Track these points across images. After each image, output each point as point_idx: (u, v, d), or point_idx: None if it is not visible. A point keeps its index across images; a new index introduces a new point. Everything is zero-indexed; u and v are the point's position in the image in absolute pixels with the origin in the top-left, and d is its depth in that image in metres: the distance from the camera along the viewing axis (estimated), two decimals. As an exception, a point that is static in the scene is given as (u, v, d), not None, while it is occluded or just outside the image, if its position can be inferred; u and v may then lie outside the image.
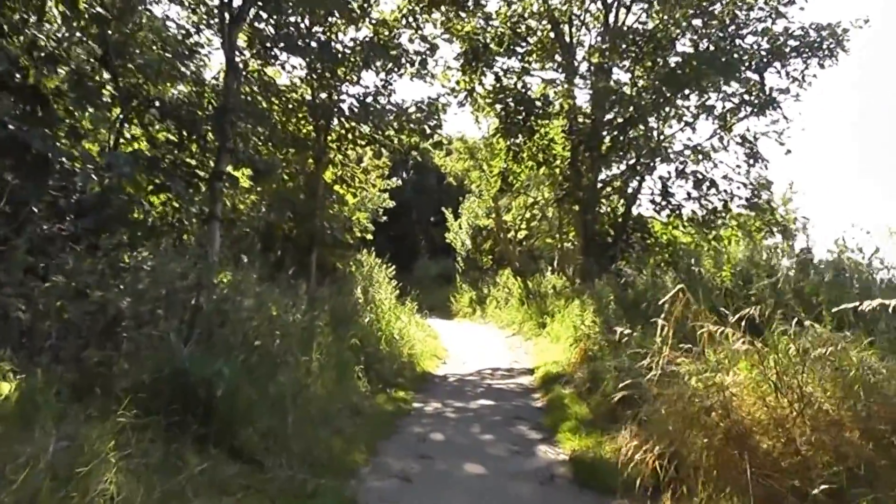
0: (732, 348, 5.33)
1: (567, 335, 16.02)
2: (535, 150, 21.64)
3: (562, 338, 16.70)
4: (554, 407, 10.46)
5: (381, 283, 20.42)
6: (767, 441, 4.70)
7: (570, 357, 13.25)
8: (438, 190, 41.42)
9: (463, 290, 32.16)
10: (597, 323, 12.42)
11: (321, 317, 12.17)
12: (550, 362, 14.05)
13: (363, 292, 17.05)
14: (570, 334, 15.51)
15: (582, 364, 11.86)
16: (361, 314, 14.61)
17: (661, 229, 21.63)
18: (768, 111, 20.10)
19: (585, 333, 12.65)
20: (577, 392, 10.90)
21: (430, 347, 16.90)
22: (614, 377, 8.89)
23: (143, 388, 6.30)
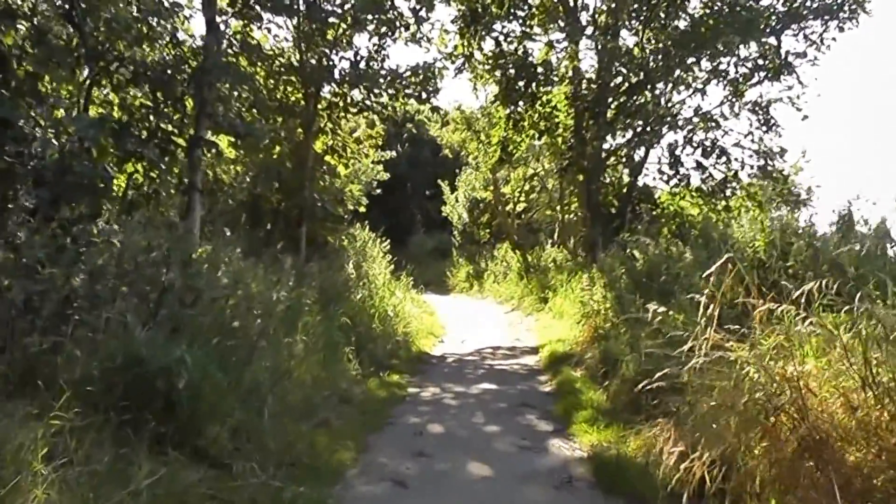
0: (796, 330, 4.36)
1: (572, 311, 15.14)
2: (537, 118, 20.63)
3: (566, 314, 15.81)
4: (564, 392, 9.51)
5: (375, 258, 19.54)
6: (856, 452, 3.76)
7: (577, 335, 12.35)
8: (434, 163, 40.34)
9: (460, 264, 31.21)
10: (607, 298, 11.46)
11: (309, 294, 11.27)
12: (555, 340, 13.15)
13: (356, 267, 16.13)
14: (575, 310, 14.63)
15: (592, 343, 10.95)
16: (353, 290, 13.68)
17: (668, 199, 20.70)
18: (783, 76, 19.15)
19: (594, 309, 11.70)
20: (588, 375, 9.97)
21: (426, 325, 15.98)
22: (634, 360, 7.96)
23: (93, 380, 5.38)
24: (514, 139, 21.21)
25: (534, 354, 13.21)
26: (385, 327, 13.01)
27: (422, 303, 19.98)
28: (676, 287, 10.02)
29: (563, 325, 14.69)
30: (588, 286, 12.42)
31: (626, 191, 20.32)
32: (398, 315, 14.54)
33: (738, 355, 4.51)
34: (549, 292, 18.48)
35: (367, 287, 14.90)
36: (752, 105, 19.79)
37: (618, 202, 20.15)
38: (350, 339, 10.81)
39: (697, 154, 19.67)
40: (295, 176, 18.02)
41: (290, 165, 18.38)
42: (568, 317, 15.47)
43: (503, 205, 28.32)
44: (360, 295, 13.68)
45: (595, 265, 16.79)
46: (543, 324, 16.54)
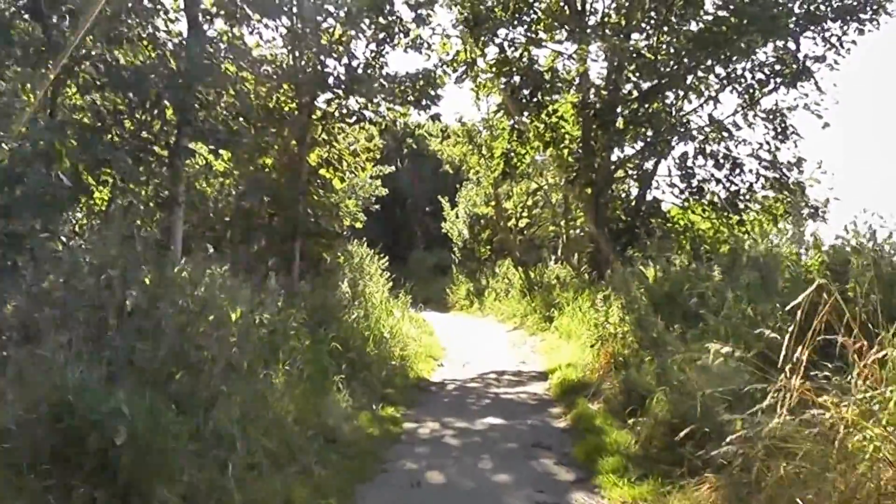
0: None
1: (581, 331, 14.11)
2: (543, 128, 19.64)
3: (574, 334, 14.77)
4: (583, 430, 8.40)
5: (373, 276, 18.55)
6: None
7: (590, 360, 11.30)
8: (434, 178, 39.38)
9: (460, 281, 30.14)
10: (626, 320, 10.39)
11: (297, 315, 10.23)
12: (566, 365, 12.08)
13: (351, 285, 15.12)
14: (585, 331, 13.59)
15: (609, 371, 9.90)
16: (348, 311, 12.65)
17: (679, 214, 19.69)
18: (800, 82, 18.17)
19: (611, 333, 10.64)
20: (608, 409, 8.88)
21: (425, 346, 14.90)
22: (668, 397, 6.91)
23: (9, 434, 4.33)
24: (518, 151, 20.23)
25: (542, 381, 12.14)
26: (381, 351, 11.96)
27: (421, 322, 18.93)
28: (704, 309, 9.01)
29: (572, 348, 13.64)
30: (602, 306, 11.34)
31: (634, 204, 19.30)
32: (395, 337, 13.50)
33: (842, 416, 3.43)
34: (555, 311, 17.42)
35: (364, 306, 13.90)
36: (766, 113, 18.87)
37: (626, 217, 19.11)
38: (341, 365, 9.75)
39: (709, 165, 18.72)
40: (288, 189, 17.01)
41: (282, 179, 17.40)
42: (576, 338, 14.44)
43: (505, 220, 27.32)
44: (354, 315, 12.66)
45: (603, 283, 15.84)
46: (550, 345, 15.50)
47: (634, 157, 19.33)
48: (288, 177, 17.24)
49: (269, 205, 17.56)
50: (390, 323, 14.18)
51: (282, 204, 17.06)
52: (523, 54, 19.33)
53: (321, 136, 17.12)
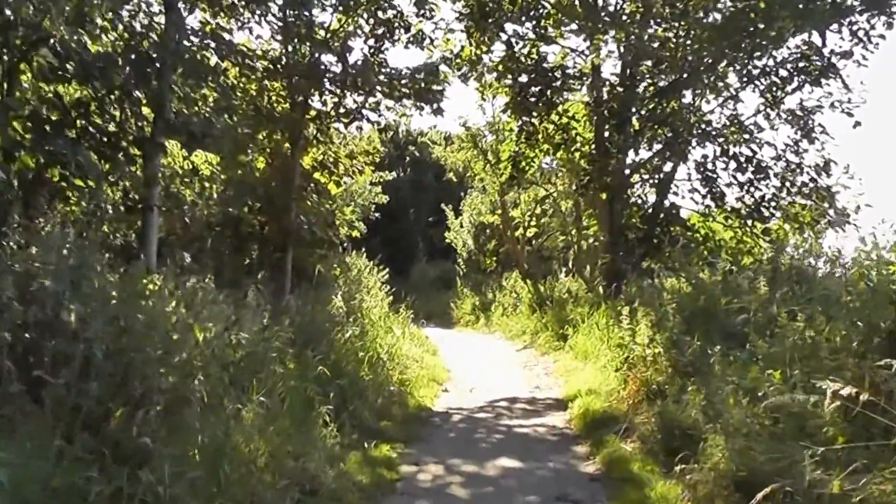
0: None
1: (599, 351, 12.82)
2: (553, 129, 18.36)
3: (591, 354, 13.46)
4: (618, 479, 6.99)
5: (371, 289, 17.30)
6: None
7: (615, 386, 9.97)
8: (437, 188, 38.18)
9: (465, 295, 28.73)
10: (657, 340, 9.03)
11: (282, 335, 8.94)
12: (585, 391, 10.71)
13: (346, 300, 13.84)
14: (606, 351, 12.29)
15: (642, 402, 8.55)
16: (341, 328, 11.31)
17: (699, 222, 18.38)
18: (826, 80, 16.92)
19: (640, 355, 9.28)
20: (646, 450, 7.50)
21: (427, 368, 13.50)
22: (728, 442, 5.56)
23: None
24: (526, 154, 18.93)
25: (561, 411, 10.72)
26: (377, 375, 10.62)
27: (423, 340, 17.60)
28: (749, 328, 7.72)
29: (590, 371, 12.33)
30: (628, 324, 9.96)
31: (651, 211, 17.97)
32: (394, 358, 12.19)
33: None
34: (569, 328, 16.06)
35: (360, 323, 12.61)
36: (790, 114, 17.60)
37: (643, 225, 17.77)
38: (329, 394, 8.41)
39: (732, 169, 17.42)
40: (279, 195, 15.75)
41: (272, 183, 16.13)
42: (594, 358, 13.14)
43: (512, 230, 25.95)
44: (349, 333, 11.34)
45: (622, 297, 14.56)
46: (564, 366, 14.16)
47: (651, 160, 18.03)
48: (279, 181, 16.02)
49: (259, 211, 16.35)
50: (389, 342, 12.88)
51: (273, 210, 15.84)
52: (531, 51, 18.07)
53: (315, 137, 15.87)
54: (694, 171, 17.52)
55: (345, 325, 11.64)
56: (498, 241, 28.82)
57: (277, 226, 15.72)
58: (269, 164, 16.46)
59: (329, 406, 7.99)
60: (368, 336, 12.12)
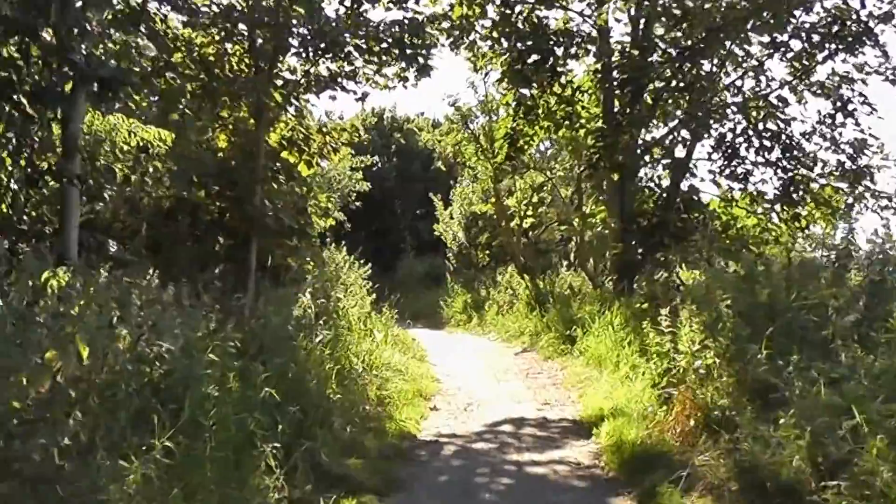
0: None
1: (618, 357, 10.69)
2: (555, 103, 16.20)
3: (606, 360, 11.34)
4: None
5: (351, 286, 15.18)
6: None
7: (654, 406, 7.78)
8: (425, 177, 35.97)
9: (455, 292, 26.40)
10: (712, 348, 6.81)
11: (222, 346, 6.80)
12: (610, 410, 8.50)
13: (319, 298, 11.70)
14: (627, 358, 10.16)
15: (698, 433, 6.36)
16: (310, 333, 9.12)
17: (721, 208, 16.25)
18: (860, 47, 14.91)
19: (686, 367, 7.07)
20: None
21: (412, 379, 11.14)
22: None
23: None
24: (525, 131, 16.73)
25: (584, 439, 8.30)
26: (348, 393, 8.40)
27: (409, 343, 15.44)
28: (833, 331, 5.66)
29: (609, 382, 10.20)
30: (669, 326, 7.72)
31: (667, 196, 15.83)
32: (372, 368, 10.01)
33: None
34: (577, 329, 13.86)
35: (334, 326, 10.43)
36: (818, 86, 15.56)
37: (658, 211, 15.62)
38: (278, 424, 6.23)
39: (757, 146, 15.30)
40: (241, 176, 13.61)
41: (233, 162, 13.96)
42: (610, 365, 11.01)
43: (507, 220, 23.68)
44: (319, 339, 9.15)
45: (641, 293, 12.52)
46: (575, 374, 11.98)
47: (667, 137, 15.89)
48: (241, 160, 13.90)
49: (218, 195, 14.19)
50: (367, 348, 10.71)
51: (234, 194, 13.73)
52: (530, 15, 15.87)
53: (283, 108, 13.73)
54: (715, 149, 15.42)
55: (314, 330, 9.46)
56: (491, 234, 26.57)
57: (239, 212, 13.59)
58: (230, 142, 14.35)
59: (275, 445, 5.79)
60: (342, 342, 9.94)
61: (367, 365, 9.98)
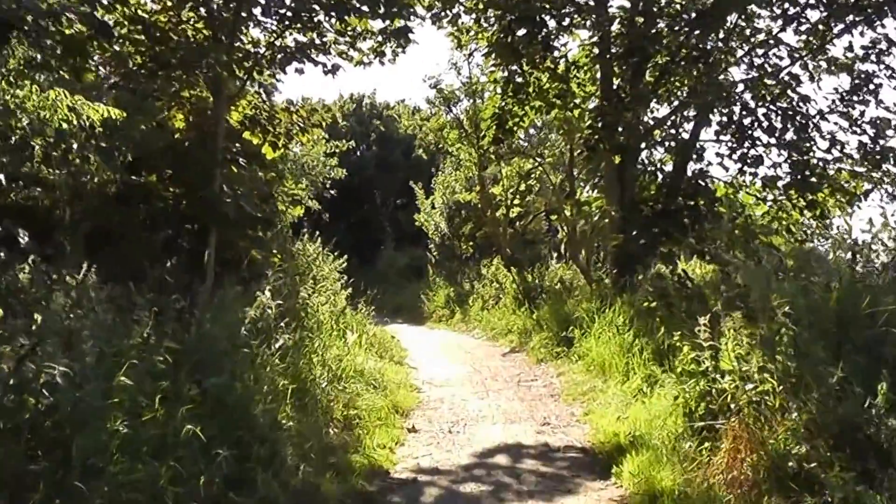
0: None
1: (626, 365, 9.25)
2: (547, 81, 14.71)
3: (612, 367, 9.89)
4: None
5: (323, 281, 13.72)
6: None
7: (674, 428, 6.30)
8: (406, 166, 34.40)
9: (437, 285, 24.85)
10: (774, 371, 5.28)
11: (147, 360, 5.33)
12: (626, 436, 7.02)
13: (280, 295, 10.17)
14: (641, 368, 8.72)
15: (764, 488, 4.81)
16: (267, 340, 7.59)
17: (731, 194, 14.82)
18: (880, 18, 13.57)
19: (742, 394, 5.51)
20: None
21: (388, 390, 9.52)
22: None
23: None
24: (514, 112, 15.19)
25: (599, 479, 6.53)
26: (307, 416, 6.86)
27: (387, 343, 13.92)
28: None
29: (617, 394, 8.75)
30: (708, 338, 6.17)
31: (671, 181, 14.38)
32: (340, 379, 8.48)
33: None
34: (574, 329, 12.34)
35: (301, 328, 8.94)
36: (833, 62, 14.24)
37: (662, 197, 14.18)
38: (201, 476, 4.70)
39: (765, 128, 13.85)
40: (199, 158, 12.11)
41: (187, 142, 12.43)
42: (616, 373, 9.57)
43: (492, 210, 22.15)
44: (279, 345, 7.64)
45: (650, 289, 11.11)
46: (574, 382, 10.46)
47: (672, 116, 14.43)
48: (198, 141, 12.41)
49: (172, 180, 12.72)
50: (335, 354, 9.18)
51: (190, 179, 12.26)
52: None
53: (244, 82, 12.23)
54: (722, 129, 13.99)
55: (272, 335, 7.95)
56: (475, 224, 25.02)
57: (196, 199, 12.09)
58: (188, 122, 12.84)
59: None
60: (306, 349, 8.41)
61: (335, 375, 8.45)
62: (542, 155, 20.90)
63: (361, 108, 38.19)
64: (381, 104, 38.67)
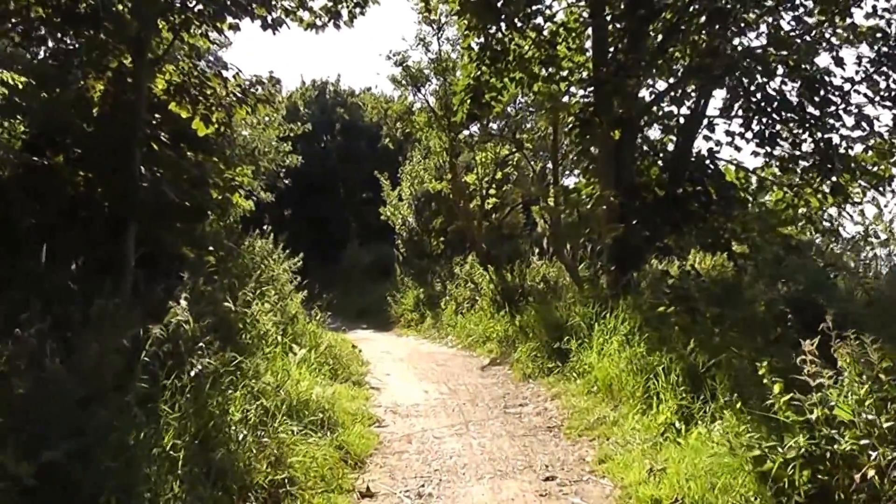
0: None
1: (645, 389, 7.21)
2: (530, 48, 12.65)
3: (621, 389, 7.84)
4: None
5: (269, 284, 11.58)
6: None
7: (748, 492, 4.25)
8: (372, 157, 32.17)
9: (405, 286, 22.58)
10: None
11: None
12: (669, 501, 5.00)
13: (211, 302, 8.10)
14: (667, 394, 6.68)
15: None
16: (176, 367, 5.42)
17: (743, 178, 12.87)
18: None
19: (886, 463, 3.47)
20: None
21: (339, 428, 7.26)
22: None
23: None
24: (492, 83, 13.04)
25: None
26: (210, 487, 4.69)
27: (347, 354, 11.79)
28: None
29: (638, 427, 6.69)
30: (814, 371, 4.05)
31: (673, 162, 12.39)
32: (275, 416, 6.29)
33: None
34: (570, 340, 10.19)
35: (229, 348, 6.78)
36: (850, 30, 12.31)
37: (665, 182, 12.16)
38: None
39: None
40: (112, 135, 9.98)
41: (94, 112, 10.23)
42: (628, 397, 7.58)
43: (465, 201, 20.00)
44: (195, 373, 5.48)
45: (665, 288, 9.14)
46: (575, 409, 8.25)
47: (676, 88, 12.38)
48: (115, 114, 10.28)
49: (80, 162, 10.61)
50: (270, 381, 6.99)
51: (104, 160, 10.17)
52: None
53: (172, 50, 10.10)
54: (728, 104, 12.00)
55: (188, 359, 5.78)
56: (446, 217, 22.83)
57: (111, 184, 9.98)
58: (105, 93, 10.66)
59: None
60: (222, 379, 6.20)
61: (267, 412, 6.26)
62: (520, 140, 18.81)
63: (324, 95, 35.93)
64: (346, 91, 36.46)
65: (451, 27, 18.71)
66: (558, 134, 16.50)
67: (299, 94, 34.77)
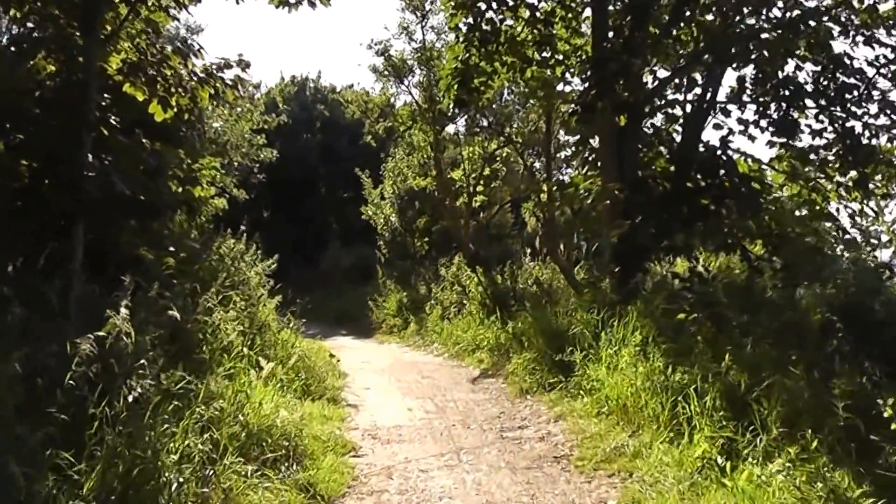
0: None
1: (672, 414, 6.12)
2: (524, 28, 11.54)
3: (639, 413, 6.74)
4: None
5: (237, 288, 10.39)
6: None
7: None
8: (353, 154, 30.95)
9: (388, 289, 21.37)
10: None
11: None
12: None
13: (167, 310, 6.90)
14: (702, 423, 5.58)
15: None
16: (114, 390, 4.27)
17: (755, 170, 11.77)
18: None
19: None
20: None
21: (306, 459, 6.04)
22: None
23: None
24: (482, 68, 11.90)
25: None
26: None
27: (320, 367, 10.61)
28: None
29: (668, 463, 5.57)
30: None
31: (680, 153, 11.30)
32: (225, 453, 5.13)
33: None
34: (574, 351, 9.03)
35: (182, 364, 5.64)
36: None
37: (673, 174, 11.08)
38: None
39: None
40: (59, 119, 8.79)
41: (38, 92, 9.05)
42: (649, 423, 6.45)
43: (451, 199, 18.84)
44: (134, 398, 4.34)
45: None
46: (585, 434, 7.09)
47: (684, 72, 11.27)
48: (62, 95, 9.12)
49: (23, 149, 9.38)
50: (226, 407, 5.81)
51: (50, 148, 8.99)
52: None
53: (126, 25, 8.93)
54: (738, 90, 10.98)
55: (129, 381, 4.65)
56: (431, 216, 21.66)
57: (57, 174, 8.79)
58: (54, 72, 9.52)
59: None
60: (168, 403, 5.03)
61: (217, 448, 5.09)
62: (509, 134, 17.70)
63: (304, 91, 34.72)
64: (327, 87, 35.28)
65: (435, 14, 17.65)
66: (552, 126, 15.38)
67: (278, 90, 33.61)
